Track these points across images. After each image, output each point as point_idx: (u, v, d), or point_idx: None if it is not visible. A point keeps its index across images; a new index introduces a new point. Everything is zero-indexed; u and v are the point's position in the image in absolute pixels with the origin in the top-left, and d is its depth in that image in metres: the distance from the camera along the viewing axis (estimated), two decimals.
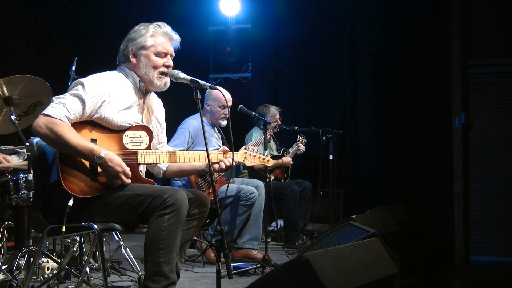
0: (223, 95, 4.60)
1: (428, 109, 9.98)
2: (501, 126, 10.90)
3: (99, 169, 3.27)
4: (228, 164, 3.59)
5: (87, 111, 3.25)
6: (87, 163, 3.25)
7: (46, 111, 3.16)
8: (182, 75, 3.46)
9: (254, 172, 6.70)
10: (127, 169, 3.26)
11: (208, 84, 3.40)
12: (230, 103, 5.51)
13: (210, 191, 5.31)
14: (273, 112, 7.10)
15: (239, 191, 5.57)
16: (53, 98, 3.28)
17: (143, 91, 3.57)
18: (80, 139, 3.17)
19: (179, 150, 5.24)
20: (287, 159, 7.00)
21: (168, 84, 3.56)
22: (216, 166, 3.58)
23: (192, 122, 5.70)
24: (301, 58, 9.73)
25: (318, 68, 9.71)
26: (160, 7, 8.69)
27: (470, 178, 10.98)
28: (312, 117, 8.86)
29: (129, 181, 3.29)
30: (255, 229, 5.74)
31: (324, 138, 7.16)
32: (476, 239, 11.03)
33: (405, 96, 9.86)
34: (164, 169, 3.74)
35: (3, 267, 3.88)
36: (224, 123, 5.82)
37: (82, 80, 3.35)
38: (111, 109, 3.35)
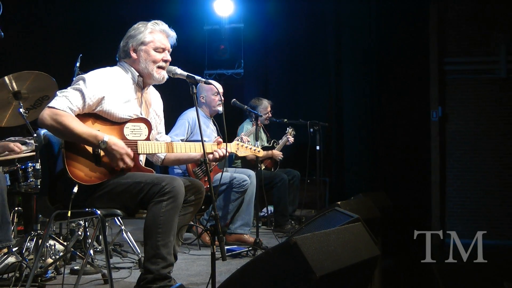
0: (214, 84, 4.56)
1: (408, 103, 10.05)
2: (474, 119, 11.01)
3: (102, 158, 3.26)
4: (221, 154, 3.59)
5: (87, 104, 3.25)
6: (90, 152, 3.25)
7: (50, 104, 3.16)
8: (179, 71, 3.45)
9: (247, 162, 6.69)
10: (130, 151, 3.25)
11: (203, 79, 3.40)
12: (221, 90, 5.46)
13: (206, 179, 5.30)
14: (265, 105, 7.08)
15: (233, 179, 5.56)
16: (57, 92, 3.28)
17: (141, 86, 3.56)
18: (84, 127, 3.17)
19: (180, 139, 5.26)
20: (277, 152, 7.01)
21: (166, 77, 3.55)
22: (211, 156, 3.58)
23: (191, 114, 5.68)
24: (290, 56, 9.74)
25: (305, 65, 9.74)
26: (158, 8, 8.67)
27: (446, 167, 11.08)
28: (300, 110, 8.87)
29: (132, 163, 3.28)
30: (246, 215, 5.73)
31: (311, 130, 7.17)
32: (451, 223, 11.13)
33: (387, 91, 9.92)
34: (162, 157, 3.73)
35: (14, 250, 3.88)
36: (221, 109, 5.76)
37: (84, 75, 3.35)
38: (112, 102, 3.34)
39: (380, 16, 9.74)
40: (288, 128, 7.24)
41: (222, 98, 4.89)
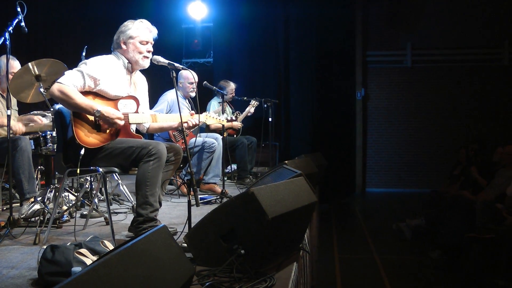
0: (191, 74, 4.52)
1: (339, 86, 10.21)
2: (389, 98, 11.29)
3: (101, 127, 3.21)
4: (194, 123, 3.55)
5: (87, 82, 3.20)
6: (93, 122, 3.19)
7: (59, 80, 3.12)
8: (161, 59, 3.39)
9: (214, 131, 6.64)
10: (119, 114, 3.21)
11: (181, 66, 3.35)
12: (196, 80, 5.41)
13: (183, 141, 5.25)
14: (232, 86, 6.99)
15: (204, 142, 5.53)
16: (65, 71, 3.22)
17: (130, 70, 3.49)
18: (84, 99, 3.13)
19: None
20: (237, 123, 6.90)
21: (149, 63, 3.49)
22: (186, 124, 3.54)
23: (170, 95, 5.61)
24: (249, 48, 9.77)
25: (261, 55, 9.80)
26: (145, 10, 8.65)
27: (367, 134, 11.34)
28: (256, 90, 8.87)
29: (122, 122, 3.23)
30: (216, 169, 5.70)
31: (265, 105, 7.16)
32: (370, 176, 11.42)
33: (323, 76, 10.06)
34: (147, 126, 3.68)
35: (38, 199, 3.85)
36: (193, 94, 5.73)
37: (86, 60, 3.30)
38: (107, 83, 3.28)
39: (319, 19, 9.87)
40: (252, 100, 7.14)
41: (195, 87, 4.79)
